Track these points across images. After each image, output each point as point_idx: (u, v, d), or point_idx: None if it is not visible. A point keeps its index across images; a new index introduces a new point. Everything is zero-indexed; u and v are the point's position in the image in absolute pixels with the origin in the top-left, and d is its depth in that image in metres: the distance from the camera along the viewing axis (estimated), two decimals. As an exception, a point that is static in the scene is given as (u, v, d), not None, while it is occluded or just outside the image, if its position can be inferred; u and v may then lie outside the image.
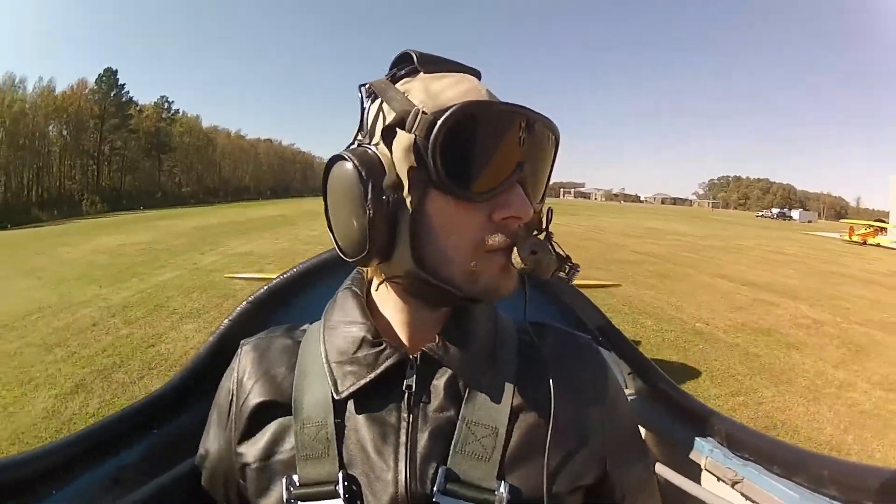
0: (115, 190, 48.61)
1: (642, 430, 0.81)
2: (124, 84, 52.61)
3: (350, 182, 0.51)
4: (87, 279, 9.56)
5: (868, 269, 16.80)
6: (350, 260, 0.55)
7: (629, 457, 0.66)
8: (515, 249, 0.53)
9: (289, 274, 1.09)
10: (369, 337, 0.58)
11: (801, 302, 9.77)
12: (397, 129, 0.51)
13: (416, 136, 0.49)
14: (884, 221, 34.41)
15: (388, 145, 0.52)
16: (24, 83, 42.35)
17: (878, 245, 27.90)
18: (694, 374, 5.41)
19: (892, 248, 26.43)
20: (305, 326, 0.68)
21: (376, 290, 0.63)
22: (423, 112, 0.49)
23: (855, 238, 30.11)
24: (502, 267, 0.54)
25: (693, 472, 0.87)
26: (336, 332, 0.61)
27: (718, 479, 0.85)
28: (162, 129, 56.68)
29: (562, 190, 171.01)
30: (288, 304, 1.07)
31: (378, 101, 0.55)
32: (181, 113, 61.33)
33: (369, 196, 0.50)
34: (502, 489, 0.53)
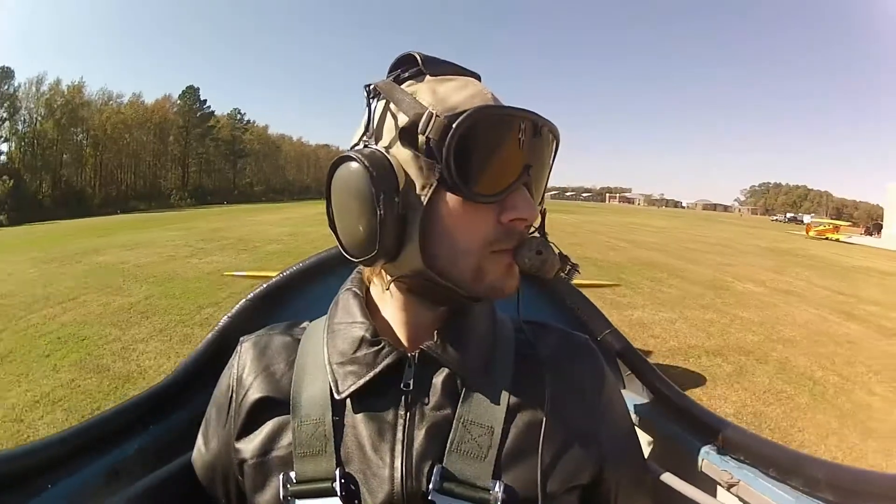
0: (199, 187, 57.91)
1: (638, 431, 0.79)
2: (206, 100, 62.86)
3: (359, 183, 0.51)
4: (304, 224, 18.89)
5: (762, 245, 24.05)
6: (356, 260, 0.55)
7: (625, 457, 0.66)
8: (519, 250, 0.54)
9: (287, 272, 1.10)
10: (368, 336, 0.59)
11: (633, 245, 17.80)
12: (410, 131, 0.52)
13: (430, 138, 0.50)
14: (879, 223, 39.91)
15: (401, 146, 0.52)
16: (122, 98, 52.38)
17: (837, 240, 33.91)
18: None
19: (849, 243, 32.31)
20: (305, 324, 0.69)
21: (376, 290, 0.64)
22: (436, 115, 0.50)
23: (812, 234, 36.45)
24: (507, 266, 0.55)
25: (688, 474, 0.86)
26: (337, 333, 0.62)
27: (714, 481, 0.85)
28: (237, 137, 66.47)
29: (608, 195, 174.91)
30: (286, 303, 1.07)
31: (383, 103, 0.55)
32: (252, 123, 71.18)
33: (381, 197, 0.50)
34: (497, 488, 0.53)
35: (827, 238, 34.93)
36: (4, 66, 42.61)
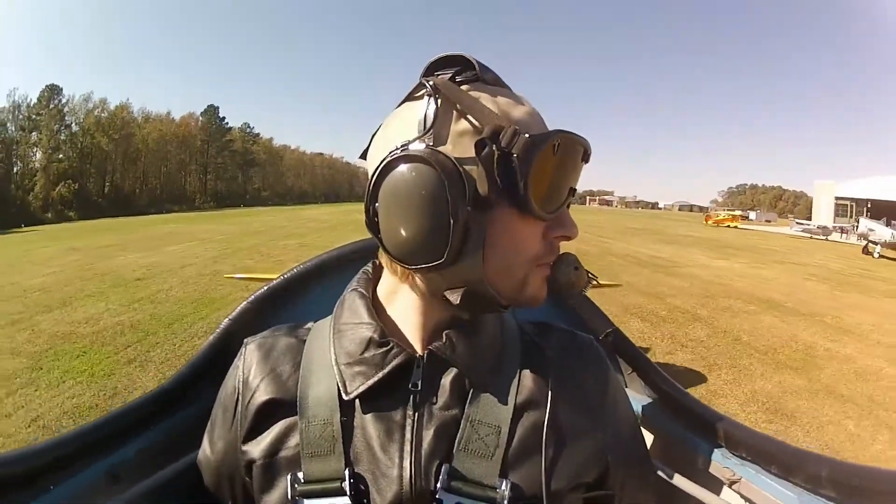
0: (217, 192, 66.41)
1: (642, 430, 0.77)
2: (224, 117, 71.87)
3: (431, 188, 0.50)
4: (341, 215, 28.28)
5: (640, 227, 32.62)
6: (408, 266, 0.55)
7: (629, 455, 0.66)
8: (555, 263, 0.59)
9: (289, 274, 1.10)
10: (376, 337, 0.59)
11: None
12: (484, 141, 0.51)
13: (508, 152, 0.50)
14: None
15: (468, 153, 0.52)
16: (159, 115, 60.58)
17: (736, 227, 42.92)
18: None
19: (747, 229, 40.65)
20: (309, 325, 0.69)
21: (383, 291, 0.64)
22: (518, 131, 0.50)
23: (710, 223, 45.60)
24: (544, 278, 0.58)
25: (691, 472, 0.86)
26: (344, 333, 0.61)
27: (716, 479, 0.84)
28: (248, 148, 75.20)
29: (588, 198, 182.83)
30: (288, 304, 1.07)
31: (438, 102, 0.53)
32: (259, 135, 79.72)
33: (456, 204, 0.49)
34: (504, 486, 0.54)
35: (728, 226, 43.56)
36: (52, 84, 48.41)
